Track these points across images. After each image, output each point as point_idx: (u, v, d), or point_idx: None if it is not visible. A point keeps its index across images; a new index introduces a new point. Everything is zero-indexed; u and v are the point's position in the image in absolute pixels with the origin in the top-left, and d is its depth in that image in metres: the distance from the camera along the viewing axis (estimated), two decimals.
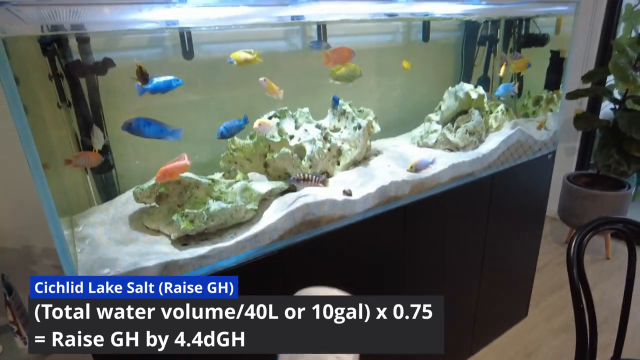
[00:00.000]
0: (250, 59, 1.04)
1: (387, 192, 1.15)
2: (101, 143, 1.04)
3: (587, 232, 1.13)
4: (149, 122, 0.92)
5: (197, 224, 0.95)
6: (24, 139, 0.72)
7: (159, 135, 0.94)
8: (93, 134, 1.03)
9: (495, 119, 1.52)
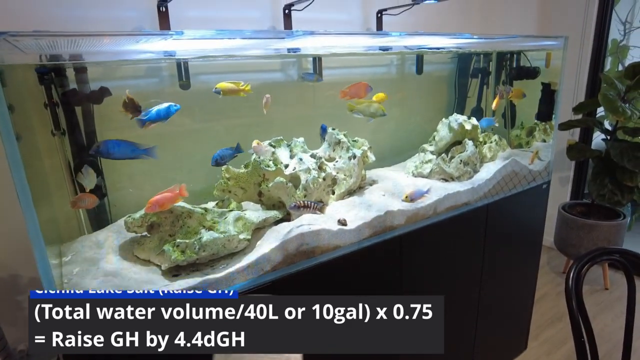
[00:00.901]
0: (236, 89, 1.05)
1: (383, 222, 1.14)
2: (93, 183, 1.02)
3: (585, 263, 1.12)
4: (118, 143, 0.91)
5: (188, 254, 0.93)
6: (14, 165, 0.71)
7: (131, 155, 0.92)
8: (84, 174, 1.01)
9: (489, 149, 1.53)
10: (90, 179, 0.99)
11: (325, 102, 1.43)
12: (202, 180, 1.22)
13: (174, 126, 1.21)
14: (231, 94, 1.08)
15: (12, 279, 1.24)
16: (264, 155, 1.09)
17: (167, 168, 1.24)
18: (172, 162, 1.24)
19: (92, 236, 1.05)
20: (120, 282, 0.88)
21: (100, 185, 1.11)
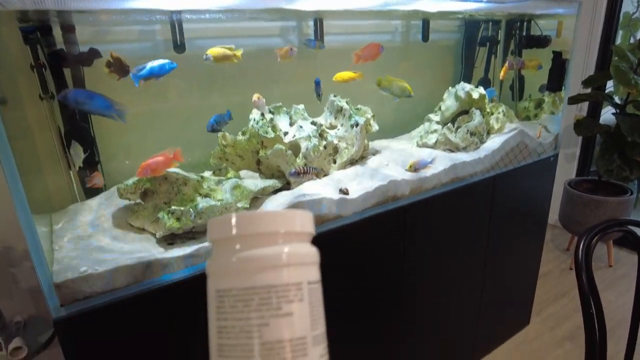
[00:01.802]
0: (229, 55, 0.99)
1: (386, 192, 1.10)
2: (80, 159, 0.96)
3: (595, 234, 1.08)
4: (91, 95, 0.82)
5: (184, 222, 0.89)
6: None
7: (103, 111, 0.84)
8: (72, 150, 0.95)
9: (496, 121, 1.47)
10: (78, 155, 0.93)
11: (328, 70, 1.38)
12: (199, 150, 1.18)
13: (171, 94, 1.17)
14: (223, 61, 1.02)
15: (6, 252, 1.21)
16: (265, 110, 1.04)
17: (162, 138, 1.19)
18: (168, 132, 1.20)
19: (85, 204, 1.01)
20: (112, 248, 0.84)
21: (93, 153, 1.07)
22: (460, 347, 1.56)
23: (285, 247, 0.25)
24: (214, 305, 0.25)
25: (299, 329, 0.23)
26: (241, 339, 0.23)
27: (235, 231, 0.24)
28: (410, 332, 1.31)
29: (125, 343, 0.80)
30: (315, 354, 0.24)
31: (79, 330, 0.76)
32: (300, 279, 0.24)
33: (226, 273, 0.24)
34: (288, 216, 0.25)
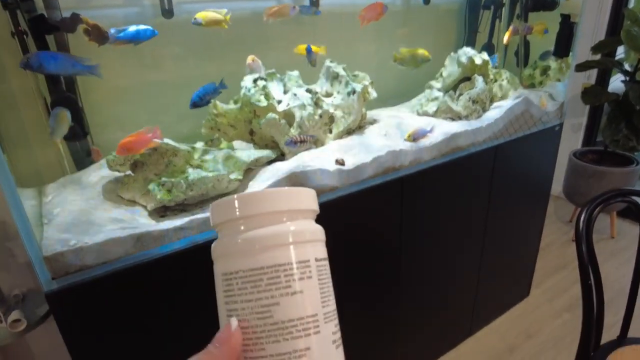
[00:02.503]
0: (219, 19, 0.94)
1: (384, 163, 1.07)
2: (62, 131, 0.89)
3: (597, 204, 1.06)
4: (55, 56, 0.78)
5: (175, 193, 0.87)
6: None
7: (70, 70, 0.81)
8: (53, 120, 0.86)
9: (500, 88, 1.42)
10: (60, 126, 0.86)
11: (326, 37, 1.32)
12: (191, 120, 1.14)
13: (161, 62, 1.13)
14: (213, 25, 0.97)
15: (2, 226, 1.20)
16: (263, 72, 1.00)
17: (153, 108, 1.16)
18: (158, 102, 1.16)
19: (75, 176, 0.99)
20: (102, 220, 0.83)
21: (82, 124, 1.04)
22: (458, 318, 1.56)
23: (291, 225, 0.24)
24: (222, 289, 0.24)
25: (310, 306, 0.23)
26: (252, 321, 0.23)
27: (238, 212, 0.24)
28: (408, 303, 1.31)
29: (118, 315, 0.80)
30: (328, 330, 0.24)
31: (71, 302, 0.75)
32: (308, 256, 0.24)
33: (232, 255, 0.24)
34: (292, 194, 0.25)
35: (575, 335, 0.99)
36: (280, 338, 0.22)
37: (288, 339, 0.22)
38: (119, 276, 0.77)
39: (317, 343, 0.23)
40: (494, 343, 1.61)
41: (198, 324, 0.89)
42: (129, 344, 0.83)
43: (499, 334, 1.66)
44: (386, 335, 1.31)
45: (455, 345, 1.59)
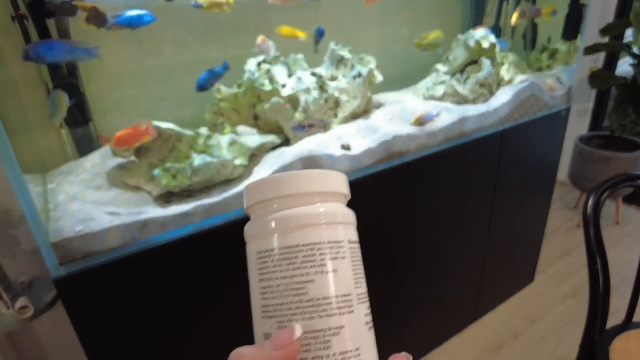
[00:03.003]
0: (222, 2, 0.92)
1: (390, 148, 1.06)
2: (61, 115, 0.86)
3: (605, 189, 1.04)
4: (50, 45, 0.77)
5: (180, 179, 0.86)
6: None
7: (69, 56, 0.80)
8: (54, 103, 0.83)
9: (507, 72, 1.40)
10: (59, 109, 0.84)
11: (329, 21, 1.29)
12: (194, 106, 1.13)
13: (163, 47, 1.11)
14: (214, 8, 0.95)
15: (5, 214, 1.20)
16: (271, 54, 0.97)
17: (156, 93, 1.14)
18: (161, 87, 1.15)
19: (78, 163, 0.98)
20: (107, 206, 0.82)
21: (85, 110, 1.03)
22: (463, 304, 1.57)
23: (323, 206, 0.25)
24: (256, 268, 0.24)
25: (344, 285, 0.23)
26: (287, 297, 0.23)
27: (272, 193, 0.25)
28: (413, 288, 1.31)
29: (125, 301, 0.80)
30: (361, 312, 0.24)
31: (79, 288, 0.75)
32: (342, 237, 0.24)
33: (268, 234, 0.24)
34: (324, 177, 0.25)
35: (580, 320, 0.99)
36: (315, 315, 0.22)
37: (323, 316, 0.22)
38: (127, 262, 0.77)
39: (350, 322, 0.23)
40: (499, 328, 1.62)
41: (205, 309, 0.89)
42: (137, 328, 0.83)
43: (504, 319, 1.66)
44: (391, 320, 1.31)
45: (460, 331, 1.60)
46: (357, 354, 0.23)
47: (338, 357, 0.22)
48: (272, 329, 0.23)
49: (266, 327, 0.23)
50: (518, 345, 1.54)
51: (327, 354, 0.22)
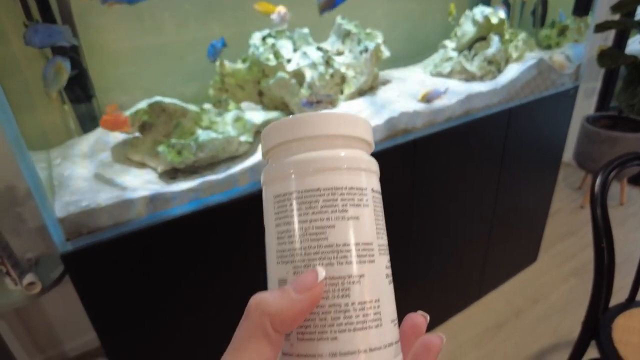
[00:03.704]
0: None
1: (397, 125, 1.04)
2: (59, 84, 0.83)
3: (613, 168, 1.03)
4: (36, 29, 0.76)
5: (185, 155, 0.85)
6: None
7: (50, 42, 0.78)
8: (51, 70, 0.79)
9: (515, 49, 1.37)
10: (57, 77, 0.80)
11: None
12: (197, 82, 1.11)
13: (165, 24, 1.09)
14: None
15: (9, 191, 1.20)
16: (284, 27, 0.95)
17: (159, 70, 1.13)
18: (164, 63, 1.13)
19: (82, 139, 0.97)
20: (113, 182, 0.82)
21: (87, 86, 1.02)
22: (467, 282, 1.58)
23: (346, 151, 0.23)
24: (273, 212, 0.23)
25: (365, 234, 0.22)
26: (305, 242, 0.22)
27: (293, 135, 0.23)
28: (417, 266, 1.32)
29: (132, 275, 0.80)
30: (382, 263, 0.23)
31: (86, 263, 0.75)
32: (365, 185, 0.23)
33: (286, 177, 0.23)
34: (349, 120, 0.24)
35: (582, 299, 1.00)
36: (334, 261, 0.21)
37: (342, 262, 0.21)
38: (133, 237, 0.77)
39: (371, 272, 0.22)
40: (501, 307, 1.63)
41: (210, 284, 0.89)
42: (143, 302, 0.83)
43: (506, 298, 1.68)
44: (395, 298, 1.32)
45: (462, 309, 1.62)
46: (376, 304, 0.22)
47: (357, 306, 0.21)
48: (287, 274, 0.22)
49: (281, 272, 0.22)
50: (520, 324, 1.56)
51: (346, 302, 0.21)
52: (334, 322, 0.21)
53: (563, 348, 1.43)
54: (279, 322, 0.19)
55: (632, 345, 0.95)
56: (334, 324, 0.21)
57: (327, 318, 0.21)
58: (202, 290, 0.89)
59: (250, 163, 0.89)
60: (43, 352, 1.46)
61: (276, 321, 0.19)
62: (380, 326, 0.22)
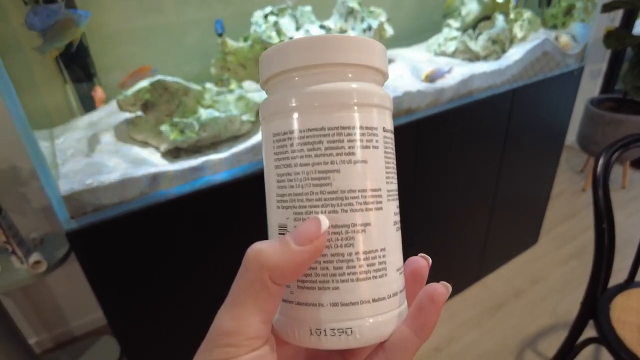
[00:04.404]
0: None
1: (399, 104, 1.04)
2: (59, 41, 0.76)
3: (617, 149, 1.03)
4: (34, 11, 0.72)
5: (188, 134, 0.86)
6: None
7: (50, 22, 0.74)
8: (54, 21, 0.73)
9: (520, 28, 1.35)
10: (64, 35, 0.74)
11: None
12: (199, 62, 1.10)
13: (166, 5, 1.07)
14: None
15: (13, 171, 1.21)
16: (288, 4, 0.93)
17: (160, 49, 1.12)
18: (166, 43, 1.12)
19: (85, 118, 0.97)
20: (116, 160, 0.82)
21: (88, 65, 1.01)
22: (467, 263, 1.59)
23: (356, 83, 0.20)
24: (272, 152, 0.21)
25: (374, 179, 0.20)
26: (306, 187, 0.20)
27: (295, 62, 0.20)
28: (417, 247, 1.33)
29: (137, 253, 0.81)
30: (390, 210, 0.21)
31: (91, 240, 0.76)
32: (375, 123, 0.21)
33: (286, 113, 0.20)
34: (361, 45, 0.20)
35: (581, 281, 1.01)
36: (339, 209, 0.20)
37: (347, 210, 0.20)
38: (137, 215, 0.78)
39: (377, 220, 0.20)
40: (501, 288, 1.65)
41: (214, 261, 0.90)
42: (148, 280, 0.85)
43: (506, 279, 1.69)
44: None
45: (462, 290, 1.64)
46: (382, 254, 0.20)
47: (361, 255, 0.20)
48: (287, 220, 0.20)
49: (281, 217, 0.21)
50: (519, 304, 1.58)
51: (349, 252, 0.20)
52: (336, 271, 0.20)
53: (561, 328, 1.45)
54: (278, 274, 0.18)
55: (629, 324, 0.96)
56: (336, 273, 0.20)
57: (329, 267, 0.20)
58: (207, 268, 0.90)
59: (252, 142, 0.89)
60: (49, 331, 1.49)
61: (275, 273, 0.18)
62: (385, 276, 0.20)
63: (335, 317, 0.20)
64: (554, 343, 1.19)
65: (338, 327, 0.20)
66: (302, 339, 0.20)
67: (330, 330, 0.20)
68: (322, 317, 0.20)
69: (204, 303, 0.94)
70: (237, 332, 0.18)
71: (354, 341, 0.20)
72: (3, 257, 1.11)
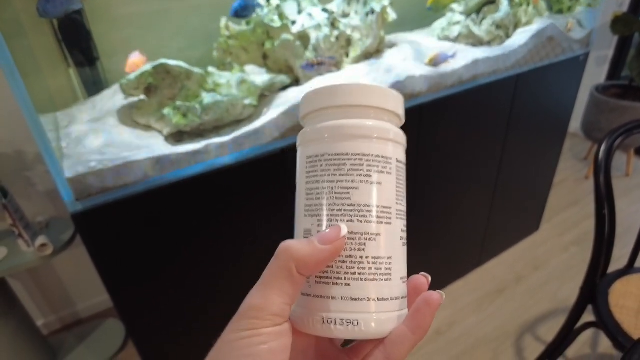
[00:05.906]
0: None
1: (403, 88, 1.03)
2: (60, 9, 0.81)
3: (619, 135, 1.03)
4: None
5: (190, 118, 0.86)
6: None
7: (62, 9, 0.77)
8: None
9: (525, 13, 1.33)
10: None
11: None
12: (201, 47, 1.10)
13: None
14: None
15: (18, 155, 1.22)
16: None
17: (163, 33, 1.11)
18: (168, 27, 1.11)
19: (88, 102, 0.98)
20: (119, 144, 0.83)
21: (91, 49, 1.01)
22: (468, 249, 1.60)
23: (377, 122, 0.25)
24: (305, 171, 0.26)
25: (386, 198, 0.25)
26: (330, 199, 0.24)
27: (329, 102, 0.25)
28: (419, 231, 1.34)
29: (142, 235, 0.82)
30: (397, 226, 0.25)
31: (96, 222, 0.77)
32: (390, 154, 0.25)
33: (319, 140, 0.25)
34: (383, 93, 0.26)
35: (582, 267, 1.01)
36: (355, 219, 0.24)
37: (362, 221, 0.24)
38: (141, 198, 0.79)
39: (386, 232, 0.24)
40: (502, 273, 1.66)
41: (217, 243, 0.92)
42: (153, 262, 0.86)
43: (507, 265, 1.70)
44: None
45: (463, 275, 1.65)
46: (388, 261, 0.24)
47: (370, 260, 0.24)
48: (312, 225, 0.25)
49: (307, 224, 0.25)
50: (519, 289, 1.59)
51: (361, 255, 0.24)
52: (348, 270, 0.24)
53: (561, 313, 1.46)
54: (302, 265, 0.22)
55: (627, 309, 0.97)
56: (349, 272, 0.24)
57: (343, 267, 0.24)
58: (210, 249, 0.91)
59: (255, 126, 0.89)
60: (56, 312, 1.52)
61: (300, 265, 0.22)
62: (389, 280, 0.24)
63: (345, 309, 0.23)
64: (554, 328, 1.21)
65: (347, 318, 0.23)
66: (315, 327, 0.24)
67: (339, 320, 0.23)
68: (334, 308, 0.23)
69: (209, 284, 0.95)
70: (263, 308, 0.22)
71: (359, 332, 0.23)
72: (10, 241, 1.13)
